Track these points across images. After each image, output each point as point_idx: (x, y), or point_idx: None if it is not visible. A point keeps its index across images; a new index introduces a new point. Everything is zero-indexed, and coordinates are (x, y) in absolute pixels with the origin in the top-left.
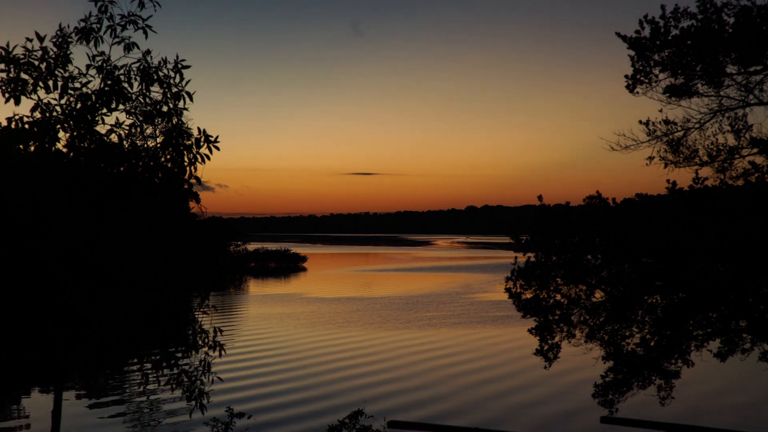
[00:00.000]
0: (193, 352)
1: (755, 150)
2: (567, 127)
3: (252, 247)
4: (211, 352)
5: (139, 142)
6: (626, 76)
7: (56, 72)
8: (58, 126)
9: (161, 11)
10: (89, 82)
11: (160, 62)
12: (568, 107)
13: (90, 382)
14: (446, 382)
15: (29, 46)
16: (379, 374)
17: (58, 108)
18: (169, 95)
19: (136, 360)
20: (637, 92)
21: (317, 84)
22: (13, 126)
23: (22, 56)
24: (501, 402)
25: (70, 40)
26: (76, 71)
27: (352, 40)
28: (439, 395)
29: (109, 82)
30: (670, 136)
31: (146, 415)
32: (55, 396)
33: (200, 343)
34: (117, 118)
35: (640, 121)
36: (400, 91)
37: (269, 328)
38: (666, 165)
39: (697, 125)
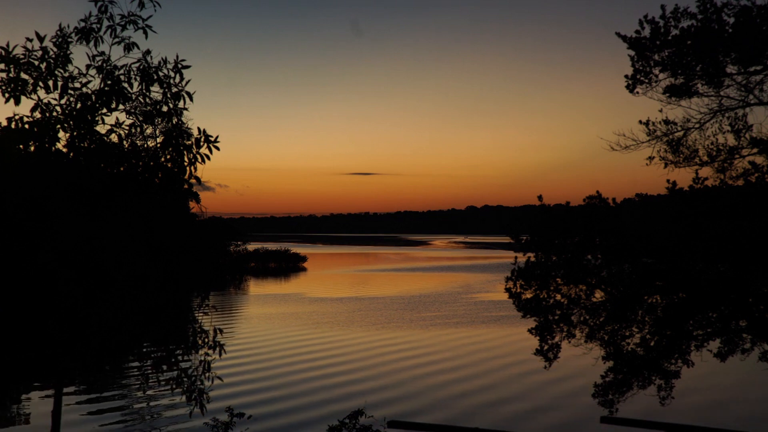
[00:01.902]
0: (193, 352)
1: (755, 150)
2: (567, 127)
3: (252, 247)
4: (211, 352)
5: (139, 142)
6: (626, 76)
7: (56, 72)
8: (58, 126)
9: (161, 11)
10: (89, 82)
11: (160, 62)
12: (568, 107)
13: (90, 382)
14: (446, 382)
15: (29, 46)
16: (380, 374)
17: (58, 108)
18: (169, 95)
19: (136, 360)
20: (637, 92)
21: (317, 84)
22: (13, 126)
23: (22, 56)
24: (501, 402)
25: (70, 40)
26: (76, 71)
27: (352, 40)
28: (438, 395)
29: (109, 82)
30: (670, 136)
31: (146, 415)
32: (55, 396)
33: (200, 343)
34: (117, 118)
35: (640, 121)
36: (400, 91)
37: (269, 328)
38: (666, 165)
39: (697, 125)
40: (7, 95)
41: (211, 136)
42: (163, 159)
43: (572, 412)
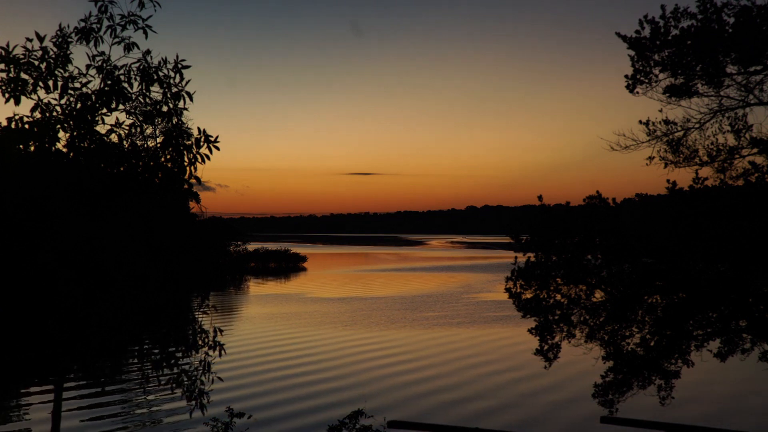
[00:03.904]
0: (193, 352)
1: (755, 150)
2: (567, 127)
3: (252, 247)
4: (211, 352)
5: (139, 142)
6: (626, 76)
7: (56, 72)
8: (58, 126)
9: (161, 11)
10: (89, 82)
11: (160, 62)
12: (568, 107)
13: (90, 382)
14: (446, 382)
15: (29, 46)
16: (380, 374)
17: (58, 108)
18: (169, 95)
19: (136, 360)
20: (637, 92)
21: (317, 84)
22: (13, 126)
23: (22, 56)
24: (501, 402)
25: (70, 40)
26: (76, 71)
27: (352, 40)
28: (438, 395)
29: (109, 82)
30: (670, 136)
31: (146, 415)
32: (55, 396)
33: (200, 343)
34: (117, 118)
35: (640, 121)
36: (400, 91)
37: (269, 328)
38: (666, 165)
39: (697, 125)
40: (7, 95)
41: (211, 136)
42: (163, 159)
43: (572, 412)
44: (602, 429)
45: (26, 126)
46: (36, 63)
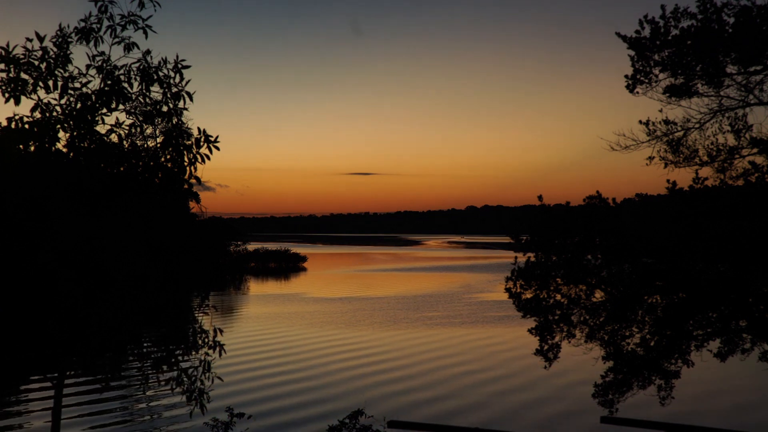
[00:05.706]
0: (193, 352)
1: (755, 150)
2: (567, 127)
3: (252, 247)
4: (211, 352)
5: (139, 142)
6: (626, 76)
7: (56, 72)
8: (58, 126)
9: (161, 11)
10: (89, 82)
11: (160, 62)
12: (568, 107)
13: (90, 382)
14: (446, 382)
15: (29, 46)
16: (380, 374)
17: (58, 108)
18: (169, 95)
19: (136, 360)
20: (637, 92)
21: (317, 84)
22: (13, 126)
23: (22, 56)
24: (501, 402)
25: (70, 40)
26: (76, 71)
27: (352, 40)
28: (439, 395)
29: (109, 82)
30: (670, 136)
31: (146, 415)
32: (55, 396)
33: (200, 343)
34: (117, 118)
35: (640, 121)
36: (400, 91)
37: (269, 328)
38: (666, 165)
39: (697, 125)
40: (7, 95)
41: (211, 136)
42: (163, 159)
43: (572, 412)
44: (602, 429)
45: (26, 126)
46: (36, 63)
